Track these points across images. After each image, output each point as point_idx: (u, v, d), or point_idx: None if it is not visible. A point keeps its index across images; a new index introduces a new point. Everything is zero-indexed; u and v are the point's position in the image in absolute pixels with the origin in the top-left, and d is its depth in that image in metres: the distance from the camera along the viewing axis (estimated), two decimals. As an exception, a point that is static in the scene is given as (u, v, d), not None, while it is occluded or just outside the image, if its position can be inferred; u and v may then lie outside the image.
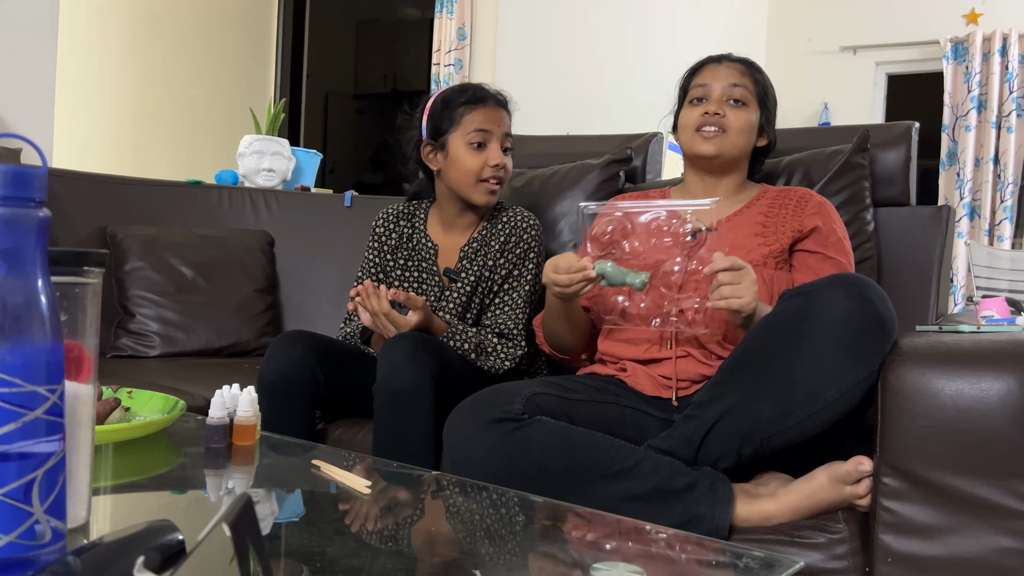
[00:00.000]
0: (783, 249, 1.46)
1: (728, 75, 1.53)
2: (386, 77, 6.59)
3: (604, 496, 1.15)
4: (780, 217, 1.50)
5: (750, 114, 1.52)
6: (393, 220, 1.79)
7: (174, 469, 1.13)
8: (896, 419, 1.07)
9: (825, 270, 1.43)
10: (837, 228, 1.50)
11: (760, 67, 1.59)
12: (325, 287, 2.38)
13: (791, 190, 1.56)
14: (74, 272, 0.72)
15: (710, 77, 1.54)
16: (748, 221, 1.51)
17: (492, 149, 1.67)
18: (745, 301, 1.24)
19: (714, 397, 1.20)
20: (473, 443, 1.22)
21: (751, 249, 1.45)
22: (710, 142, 1.50)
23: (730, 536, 1.14)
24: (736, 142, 1.51)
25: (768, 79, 1.58)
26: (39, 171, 0.61)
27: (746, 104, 1.52)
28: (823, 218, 1.49)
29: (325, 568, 0.76)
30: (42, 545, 0.60)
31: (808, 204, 1.51)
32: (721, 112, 1.50)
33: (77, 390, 0.72)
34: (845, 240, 1.50)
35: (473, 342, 1.61)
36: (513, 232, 1.71)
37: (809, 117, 5.83)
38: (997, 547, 1.02)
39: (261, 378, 1.56)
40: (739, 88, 1.51)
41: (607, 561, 0.78)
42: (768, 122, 1.57)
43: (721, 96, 1.51)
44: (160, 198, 2.40)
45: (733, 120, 1.50)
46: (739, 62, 1.57)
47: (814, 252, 1.47)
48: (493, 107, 1.70)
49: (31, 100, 2.59)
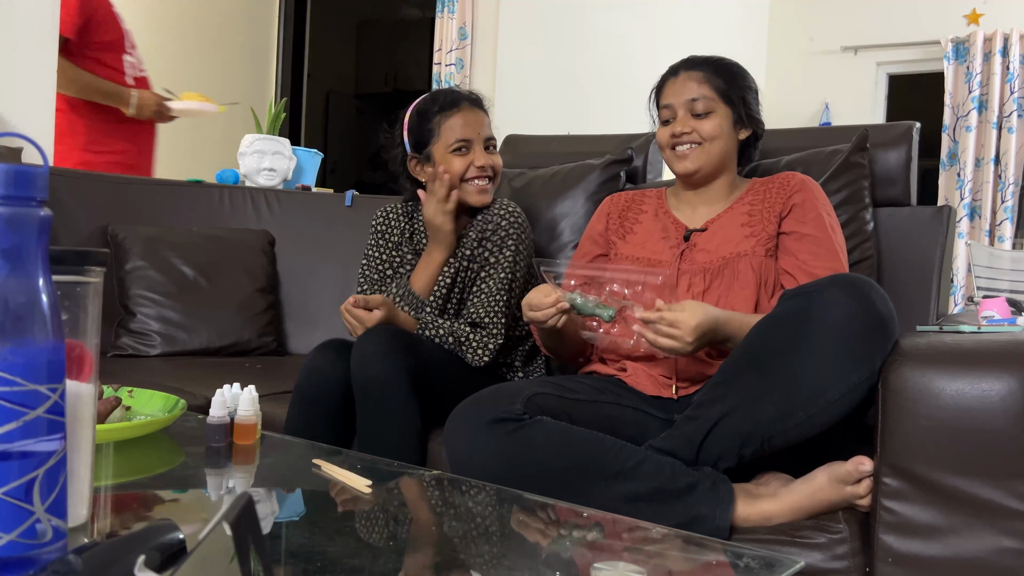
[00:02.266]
0: (770, 236, 1.46)
1: (686, 89, 1.51)
2: (387, 77, 6.59)
3: (605, 496, 1.15)
4: (765, 204, 1.50)
5: (719, 120, 1.50)
6: (393, 218, 1.80)
7: (175, 468, 1.13)
8: (897, 419, 1.07)
9: (802, 250, 1.43)
10: (818, 204, 1.48)
11: (723, 63, 1.55)
12: (326, 286, 2.38)
13: (775, 176, 1.56)
14: (75, 271, 0.72)
15: (671, 95, 1.53)
16: (736, 215, 1.51)
17: (476, 152, 1.68)
18: (669, 346, 1.26)
19: (715, 397, 1.20)
20: (474, 444, 1.22)
21: (739, 242, 1.46)
22: (686, 160, 1.51)
23: (731, 536, 1.14)
24: (712, 151, 1.50)
25: (735, 71, 1.55)
26: (40, 170, 0.61)
27: (712, 111, 1.50)
28: (803, 194, 1.48)
29: (326, 567, 0.76)
30: (43, 544, 0.60)
31: (790, 184, 1.51)
32: (688, 129, 1.50)
33: (78, 389, 0.72)
34: (827, 216, 1.47)
35: (446, 333, 1.60)
36: (492, 219, 1.71)
37: (810, 117, 5.83)
38: (998, 547, 1.02)
39: (299, 389, 1.54)
40: (699, 101, 1.50)
41: (608, 561, 0.78)
42: (745, 115, 1.54)
43: (685, 113, 1.51)
44: (161, 197, 2.40)
45: (702, 132, 1.50)
46: (697, 67, 1.53)
47: (791, 232, 1.46)
48: (468, 109, 1.70)
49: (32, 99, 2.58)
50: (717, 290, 1.42)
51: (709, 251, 1.48)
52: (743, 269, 1.42)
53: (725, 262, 1.44)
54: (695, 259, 1.48)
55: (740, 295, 1.40)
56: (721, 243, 1.47)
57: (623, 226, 1.62)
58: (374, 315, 1.54)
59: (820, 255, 1.42)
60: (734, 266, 1.43)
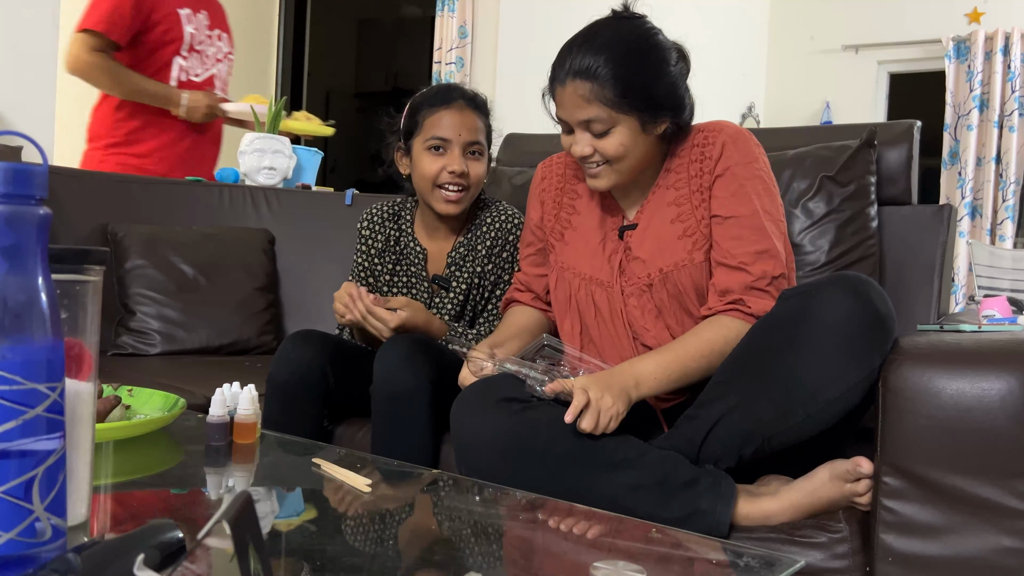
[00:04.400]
0: (706, 235, 1.32)
1: (575, 107, 1.28)
2: (387, 76, 6.58)
3: (608, 484, 1.16)
4: (691, 184, 1.34)
5: (621, 136, 1.28)
6: (379, 221, 1.73)
7: (174, 467, 1.13)
8: (897, 419, 1.07)
9: (725, 236, 1.29)
10: (740, 173, 1.30)
11: (611, 59, 1.26)
12: (326, 285, 2.38)
13: (699, 134, 1.36)
14: (75, 270, 0.72)
15: (562, 109, 1.32)
16: (664, 198, 1.37)
17: (452, 155, 1.58)
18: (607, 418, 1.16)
19: (715, 397, 1.20)
20: (481, 420, 1.22)
21: (672, 245, 1.34)
22: (598, 179, 1.34)
23: (731, 534, 1.14)
24: (622, 167, 1.32)
25: (627, 65, 1.27)
26: (40, 169, 0.61)
27: (611, 127, 1.28)
28: (724, 162, 1.31)
29: (325, 566, 0.76)
30: (42, 543, 0.60)
31: (712, 153, 1.32)
32: (589, 151, 1.30)
33: (77, 388, 0.72)
34: (752, 181, 1.30)
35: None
36: (499, 235, 1.66)
37: (811, 116, 5.83)
38: (998, 547, 1.02)
39: (271, 378, 1.54)
40: (594, 123, 1.28)
41: (608, 560, 0.78)
42: (654, 113, 1.30)
43: (582, 132, 1.30)
44: (161, 196, 2.40)
45: (606, 153, 1.30)
46: (582, 76, 1.26)
47: (714, 216, 1.31)
48: (459, 109, 1.60)
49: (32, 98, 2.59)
50: (670, 312, 1.35)
51: (645, 260, 1.36)
52: (685, 283, 1.32)
53: (664, 276, 1.34)
54: (634, 272, 1.37)
55: (691, 311, 1.34)
56: (655, 249, 1.35)
57: (559, 218, 1.48)
58: (399, 315, 1.50)
59: (744, 238, 1.28)
60: (675, 280, 1.33)
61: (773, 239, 1.29)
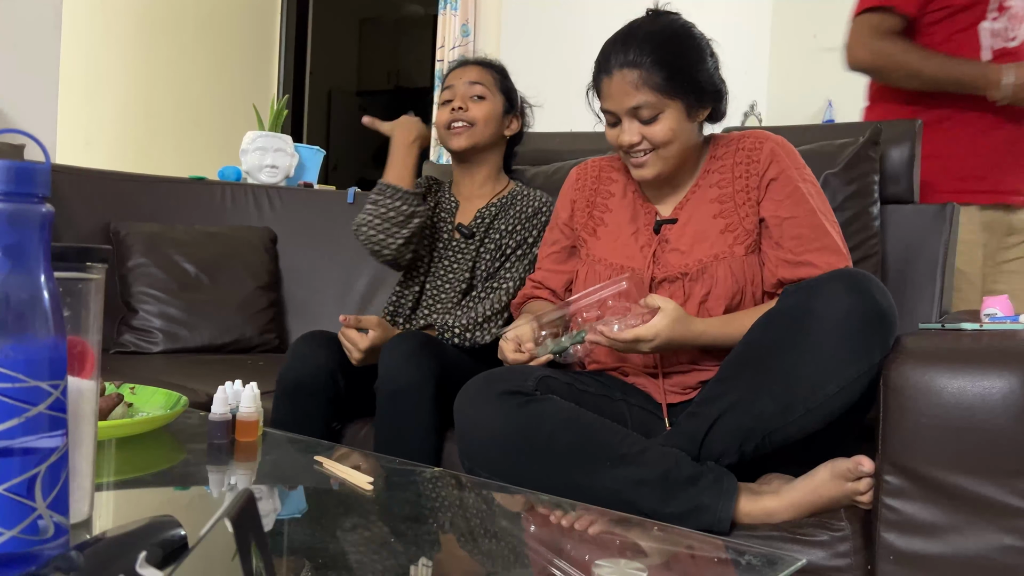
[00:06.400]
0: (748, 231, 1.37)
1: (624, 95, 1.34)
2: (389, 74, 6.59)
3: (611, 478, 1.16)
4: (736, 184, 1.38)
5: (669, 121, 1.34)
6: (434, 181, 1.89)
7: (176, 465, 1.13)
8: (898, 417, 1.07)
9: (786, 237, 1.34)
10: (794, 175, 1.36)
11: (660, 46, 1.34)
12: (328, 284, 2.38)
13: (740, 139, 1.41)
14: (77, 268, 0.72)
15: (610, 100, 1.37)
16: (706, 195, 1.41)
17: (456, 99, 1.76)
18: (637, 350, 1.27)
19: (716, 394, 1.21)
20: (485, 412, 1.23)
21: (714, 239, 1.38)
22: (643, 168, 1.39)
23: (733, 532, 1.14)
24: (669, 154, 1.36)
25: (676, 51, 1.35)
26: (42, 167, 0.61)
27: (659, 113, 1.33)
28: (777, 167, 1.36)
29: (327, 564, 0.76)
30: (45, 540, 0.60)
31: (760, 156, 1.38)
32: (637, 139, 1.36)
33: (80, 386, 0.72)
34: (804, 183, 1.36)
35: (461, 331, 1.64)
36: (530, 205, 1.75)
37: (813, 115, 5.81)
38: (1000, 545, 1.02)
39: (281, 378, 1.56)
40: (643, 108, 1.33)
41: (610, 559, 0.78)
42: (699, 98, 1.36)
43: (631, 121, 1.35)
44: (163, 195, 2.41)
45: (654, 139, 1.35)
46: (631, 65, 1.33)
47: (772, 217, 1.36)
48: (464, 65, 1.81)
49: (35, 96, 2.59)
50: (696, 299, 1.37)
51: (683, 251, 1.39)
52: (722, 275, 1.35)
53: (702, 267, 1.36)
54: (669, 262, 1.40)
55: (717, 304, 1.35)
56: (695, 240, 1.39)
57: (592, 216, 1.52)
58: (368, 337, 1.54)
59: (805, 236, 1.33)
60: (712, 271, 1.36)
61: (833, 236, 1.34)
